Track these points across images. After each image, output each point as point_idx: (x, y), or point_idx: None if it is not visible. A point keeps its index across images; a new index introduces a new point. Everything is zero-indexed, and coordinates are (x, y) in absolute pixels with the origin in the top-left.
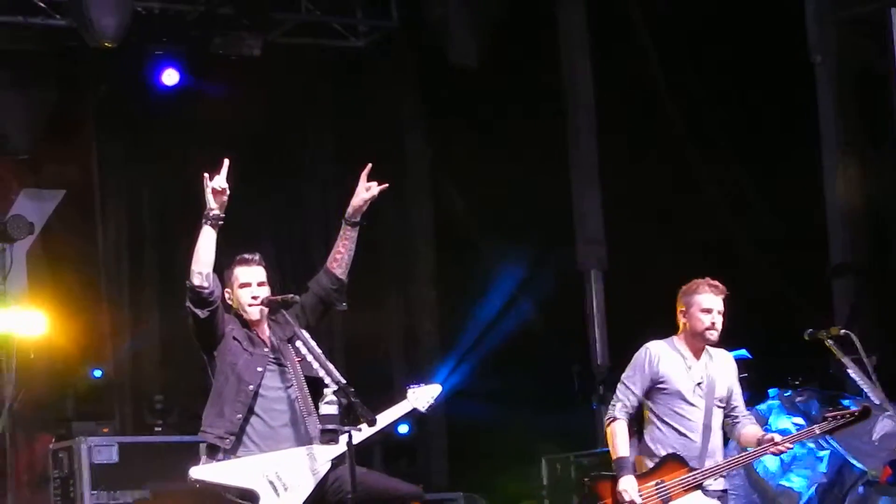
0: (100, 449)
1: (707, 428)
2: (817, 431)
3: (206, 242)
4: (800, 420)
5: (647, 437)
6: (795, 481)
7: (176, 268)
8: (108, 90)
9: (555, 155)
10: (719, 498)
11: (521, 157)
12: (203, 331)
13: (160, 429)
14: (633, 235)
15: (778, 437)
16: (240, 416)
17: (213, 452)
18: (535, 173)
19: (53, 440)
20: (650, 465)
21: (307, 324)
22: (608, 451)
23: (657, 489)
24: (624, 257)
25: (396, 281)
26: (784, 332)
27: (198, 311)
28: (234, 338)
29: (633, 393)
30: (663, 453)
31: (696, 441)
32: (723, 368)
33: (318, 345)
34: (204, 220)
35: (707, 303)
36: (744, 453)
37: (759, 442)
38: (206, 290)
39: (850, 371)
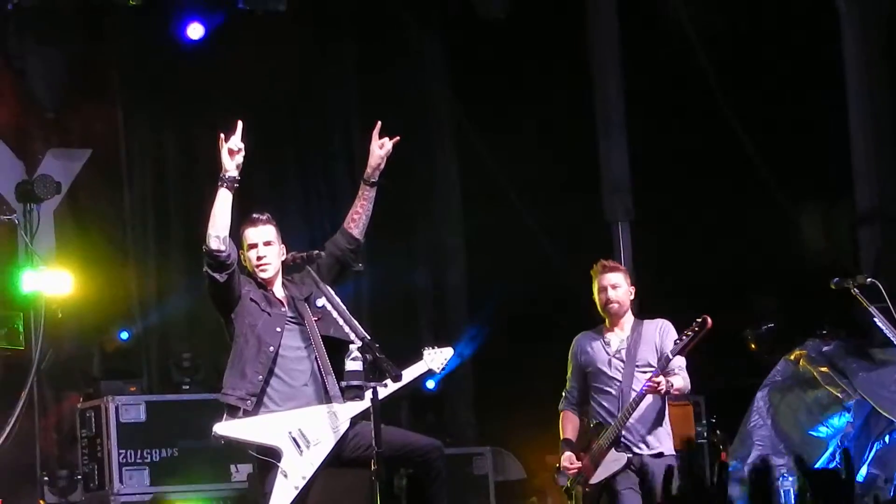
0: (127, 408)
1: (627, 395)
2: (668, 355)
3: (223, 205)
4: (825, 369)
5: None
6: (822, 431)
7: (202, 227)
8: (134, 48)
9: (582, 105)
10: (651, 458)
11: (548, 109)
12: (221, 294)
13: (188, 387)
14: (660, 185)
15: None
16: (261, 377)
17: (233, 412)
18: (563, 124)
19: (81, 399)
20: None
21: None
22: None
23: (589, 455)
24: (651, 206)
25: (424, 236)
26: (812, 280)
27: (216, 275)
28: (252, 299)
29: (572, 384)
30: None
31: (614, 408)
32: (649, 335)
33: (342, 302)
34: (220, 183)
35: (600, 282)
36: (631, 400)
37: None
38: (224, 254)
39: (875, 319)
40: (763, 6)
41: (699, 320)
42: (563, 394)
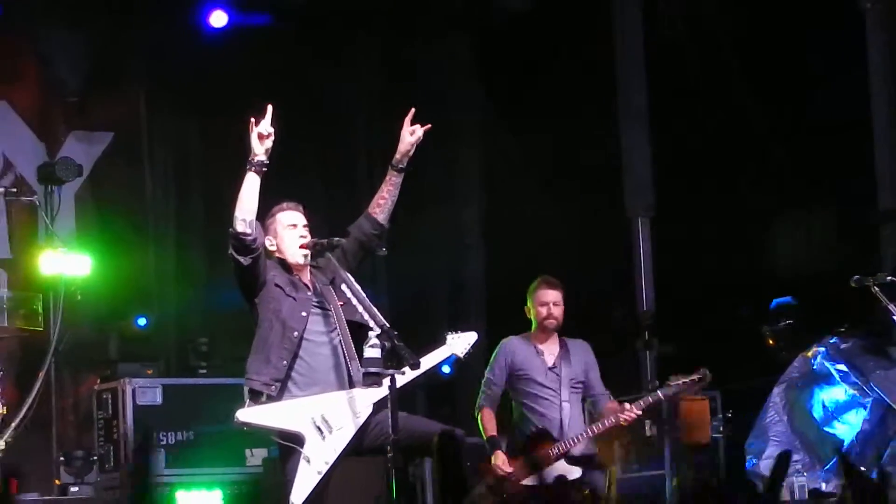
0: (144, 390)
1: (564, 406)
2: (661, 396)
3: (250, 189)
4: (843, 367)
5: (516, 421)
6: (838, 428)
7: (223, 212)
8: (158, 33)
9: (604, 100)
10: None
11: (570, 103)
12: (246, 278)
13: (204, 371)
14: (682, 181)
15: (627, 406)
16: (285, 362)
17: (256, 397)
18: (584, 119)
19: (98, 381)
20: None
21: (346, 269)
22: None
23: (527, 461)
24: (672, 202)
25: (444, 225)
26: (831, 277)
27: (240, 258)
28: (277, 284)
29: (496, 384)
30: (528, 432)
31: (554, 417)
32: (577, 355)
33: (361, 288)
34: (248, 167)
35: (542, 297)
36: (598, 423)
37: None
38: (250, 237)
39: (894, 318)
40: (788, 4)
41: (700, 376)
42: (484, 391)
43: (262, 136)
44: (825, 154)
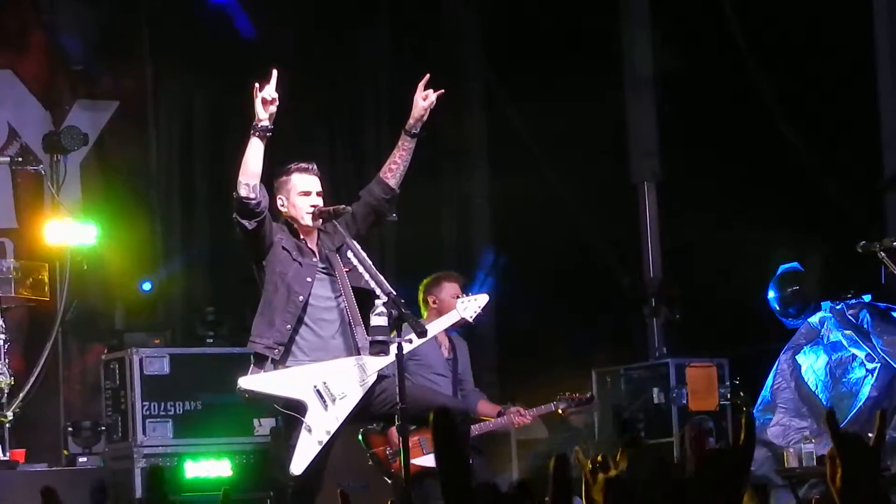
0: (151, 360)
1: (455, 396)
2: (553, 408)
3: (254, 154)
4: (850, 332)
5: None
6: (845, 394)
7: (228, 181)
8: (164, 4)
9: (610, 66)
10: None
11: (575, 69)
12: (251, 241)
13: (212, 340)
14: (687, 147)
15: (522, 410)
16: (289, 326)
17: (261, 362)
18: (590, 85)
19: (105, 351)
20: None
21: (357, 233)
22: (656, 364)
23: (418, 442)
24: (678, 169)
25: (450, 193)
26: (837, 243)
27: (244, 222)
28: (284, 247)
29: None
30: None
31: None
32: (460, 350)
33: (368, 256)
34: (252, 132)
35: (452, 291)
36: (490, 422)
37: (501, 413)
38: (253, 202)
39: None
40: None
41: (587, 396)
42: None
43: (266, 101)
44: (834, 121)
